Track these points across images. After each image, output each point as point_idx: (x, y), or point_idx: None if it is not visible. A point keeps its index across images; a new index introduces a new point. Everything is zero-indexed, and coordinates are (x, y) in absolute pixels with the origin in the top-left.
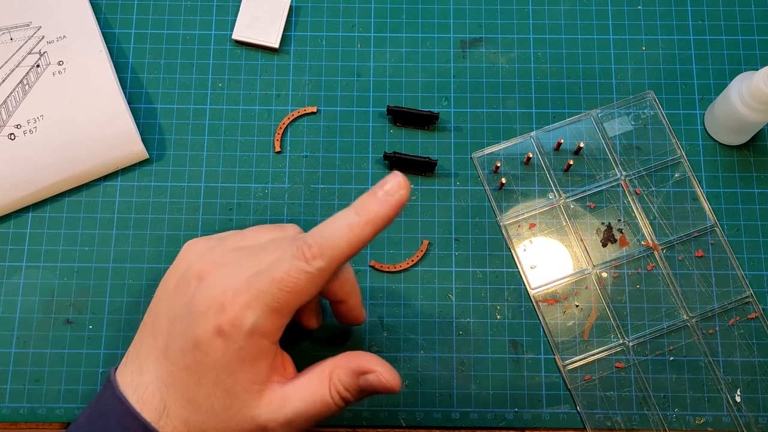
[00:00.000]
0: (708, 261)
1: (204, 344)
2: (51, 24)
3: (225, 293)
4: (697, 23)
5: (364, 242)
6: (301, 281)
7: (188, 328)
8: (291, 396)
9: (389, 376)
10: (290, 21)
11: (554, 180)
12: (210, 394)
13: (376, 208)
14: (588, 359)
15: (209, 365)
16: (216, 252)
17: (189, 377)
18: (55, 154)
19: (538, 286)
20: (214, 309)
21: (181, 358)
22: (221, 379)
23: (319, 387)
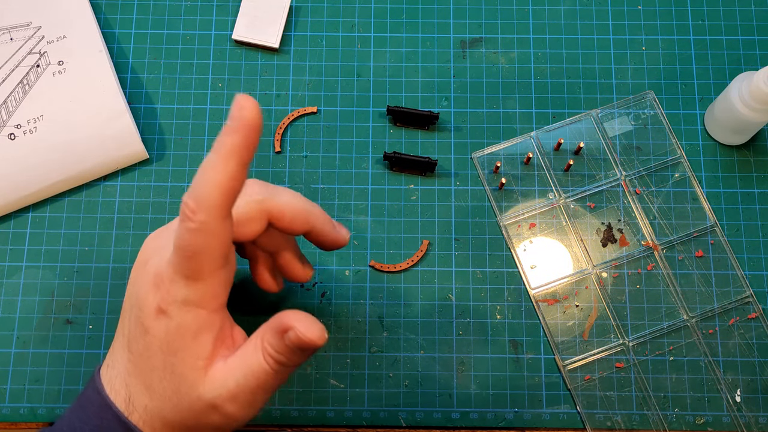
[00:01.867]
0: (708, 261)
1: (150, 327)
2: (51, 24)
3: (156, 275)
4: (697, 23)
5: (235, 179)
6: (194, 240)
7: (137, 315)
8: (232, 368)
9: (306, 330)
10: (290, 21)
11: (554, 180)
12: (161, 378)
13: (226, 139)
14: (588, 359)
15: (157, 347)
16: (157, 236)
17: (144, 364)
18: (55, 154)
19: (538, 286)
20: (151, 292)
21: (136, 346)
22: (168, 360)
23: (254, 354)
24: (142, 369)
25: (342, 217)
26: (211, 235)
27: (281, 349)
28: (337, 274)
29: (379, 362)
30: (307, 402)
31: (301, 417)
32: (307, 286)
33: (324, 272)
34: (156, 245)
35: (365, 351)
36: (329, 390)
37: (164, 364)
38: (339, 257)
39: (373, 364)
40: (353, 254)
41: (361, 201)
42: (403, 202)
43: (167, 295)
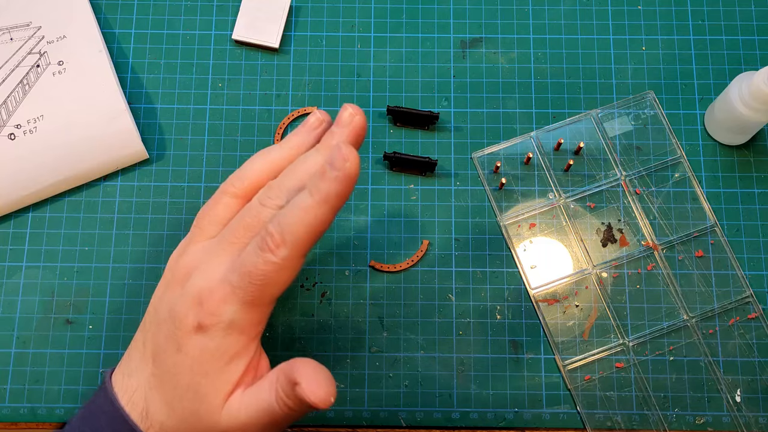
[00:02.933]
0: (708, 261)
1: (184, 344)
2: (51, 24)
3: (201, 293)
4: (697, 23)
5: (324, 223)
6: (270, 272)
7: (170, 331)
8: (247, 401)
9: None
10: (290, 21)
11: (554, 180)
12: (182, 398)
13: (325, 186)
14: (588, 359)
15: (188, 366)
16: (188, 253)
17: (169, 380)
18: (55, 154)
19: (538, 286)
20: (192, 310)
21: (164, 361)
22: (195, 380)
23: (268, 394)
24: (166, 385)
25: (342, 217)
26: (287, 270)
27: (291, 399)
28: (337, 274)
29: (379, 362)
30: None
31: None
32: (306, 286)
33: (324, 272)
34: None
35: (365, 351)
36: None
37: (191, 383)
38: (339, 257)
39: (373, 364)
40: (353, 254)
41: (361, 201)
42: (403, 202)
43: (213, 314)
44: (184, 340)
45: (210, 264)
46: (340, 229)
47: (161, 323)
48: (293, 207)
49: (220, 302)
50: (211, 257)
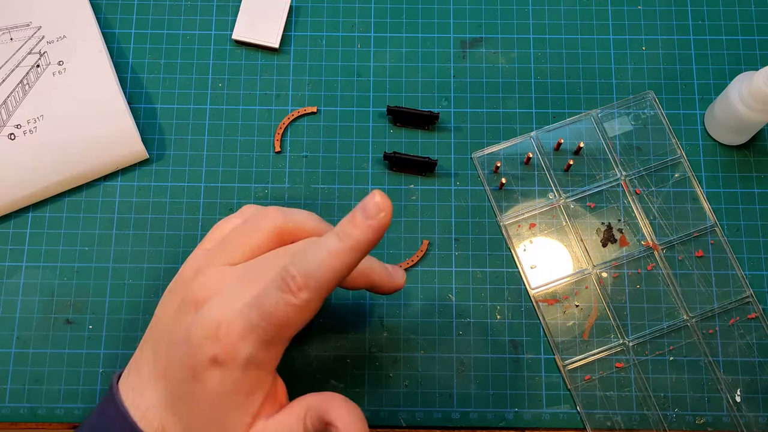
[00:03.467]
0: (708, 261)
1: (201, 375)
2: (51, 24)
3: (219, 325)
4: (697, 23)
5: (350, 268)
6: (290, 313)
7: (185, 357)
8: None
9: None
10: (290, 21)
11: (554, 180)
12: (203, 426)
13: (357, 233)
14: (588, 359)
15: (206, 396)
16: (207, 275)
17: (185, 406)
18: (55, 154)
19: (538, 286)
20: (209, 340)
21: (179, 386)
22: (217, 410)
23: (293, 426)
24: (182, 411)
25: (342, 217)
26: (307, 312)
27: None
28: None
29: (379, 362)
30: None
31: None
32: None
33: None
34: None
35: (365, 351)
36: (329, 390)
37: (210, 414)
38: None
39: (373, 364)
40: None
41: None
42: (403, 202)
43: (231, 350)
44: (200, 370)
45: (231, 294)
46: None
47: (175, 345)
48: (318, 249)
49: (238, 339)
50: (232, 286)
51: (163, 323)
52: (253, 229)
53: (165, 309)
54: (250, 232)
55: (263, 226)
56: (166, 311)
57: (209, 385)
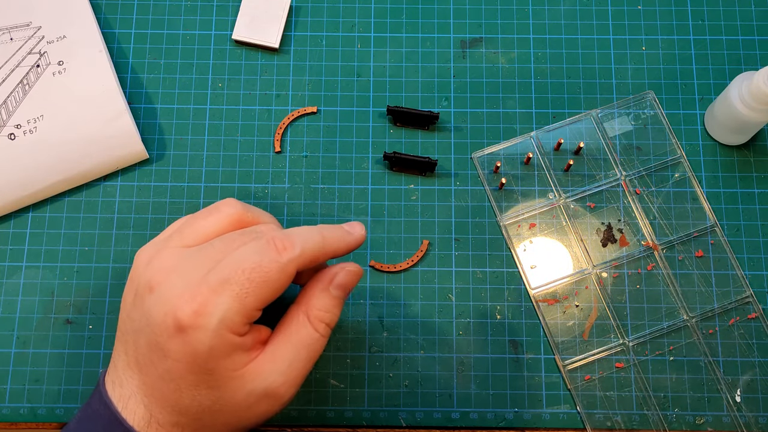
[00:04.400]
0: (708, 261)
1: (172, 352)
2: (51, 24)
3: (180, 297)
4: (697, 23)
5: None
6: (272, 272)
7: (151, 340)
8: (280, 353)
9: (350, 265)
10: (290, 21)
11: (554, 180)
12: (194, 396)
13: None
14: (588, 359)
15: (183, 370)
16: (162, 257)
17: (166, 385)
18: (55, 154)
19: (538, 286)
20: (171, 316)
21: (153, 369)
22: (201, 378)
23: (302, 329)
24: (165, 391)
25: (342, 217)
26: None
27: (328, 306)
28: None
29: (379, 362)
30: (307, 402)
31: (301, 417)
32: None
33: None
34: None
35: (365, 351)
36: (329, 390)
37: (195, 382)
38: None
39: (373, 364)
40: (353, 254)
41: (361, 201)
42: (403, 202)
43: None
44: (169, 344)
45: (188, 267)
46: None
47: (138, 332)
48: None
49: (207, 302)
50: (188, 262)
51: (126, 314)
52: (212, 213)
53: (125, 301)
54: (208, 215)
55: (222, 210)
56: (126, 302)
57: (184, 359)
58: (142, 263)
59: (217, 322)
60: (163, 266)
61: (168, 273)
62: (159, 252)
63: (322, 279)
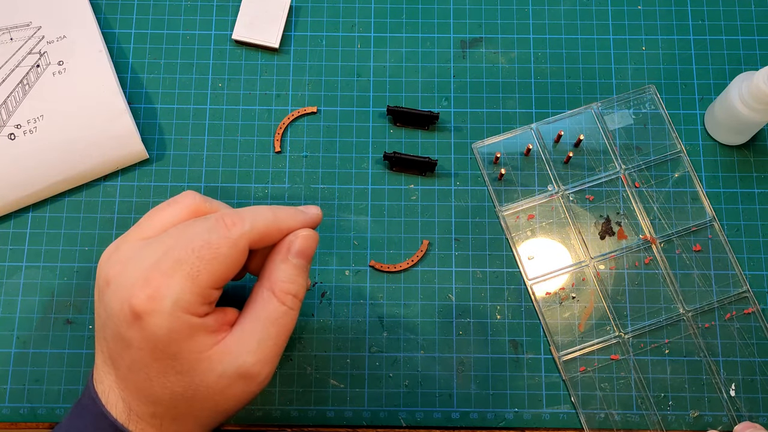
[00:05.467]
0: (705, 256)
1: (133, 340)
2: (51, 24)
3: (134, 285)
4: (697, 23)
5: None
6: (222, 247)
7: (114, 332)
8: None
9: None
10: (290, 21)
11: (554, 172)
12: (164, 383)
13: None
14: (583, 350)
15: (148, 358)
16: (120, 251)
17: (136, 375)
18: (55, 154)
19: (535, 277)
20: (126, 304)
21: (122, 361)
22: (167, 364)
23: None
24: (137, 382)
25: (342, 217)
26: (236, 251)
27: (291, 276)
28: (337, 274)
29: (379, 362)
30: (307, 402)
31: (301, 417)
32: None
33: (324, 272)
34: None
35: (365, 351)
36: (329, 390)
37: (163, 369)
38: (339, 257)
39: (373, 364)
40: (353, 254)
41: (361, 201)
42: (403, 202)
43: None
44: (129, 333)
45: (142, 257)
46: (340, 229)
47: (104, 327)
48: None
49: (159, 285)
50: (143, 252)
51: (96, 312)
52: (170, 204)
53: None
54: (166, 207)
55: (180, 201)
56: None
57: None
58: (103, 260)
59: (172, 304)
60: (120, 259)
61: (124, 264)
62: (118, 247)
63: (280, 250)
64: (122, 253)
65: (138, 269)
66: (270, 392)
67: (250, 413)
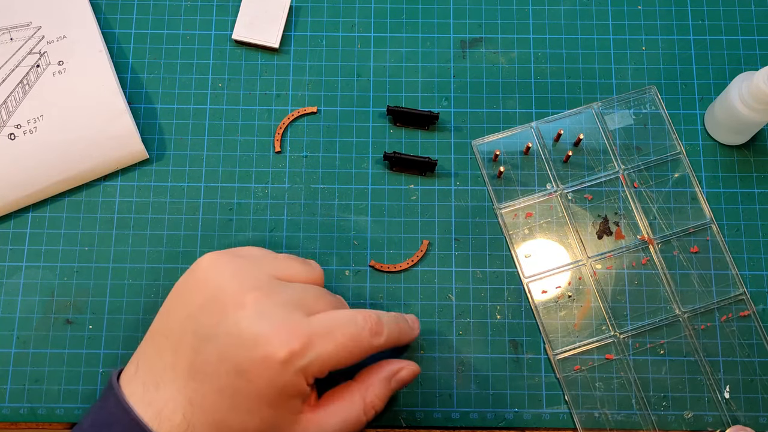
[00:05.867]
0: (703, 257)
1: (250, 373)
2: (51, 24)
3: (279, 329)
4: (697, 23)
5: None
6: (361, 349)
7: (229, 352)
8: (326, 421)
9: (412, 365)
10: (290, 21)
11: (553, 170)
12: (245, 420)
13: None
14: (578, 349)
15: (250, 393)
16: (251, 277)
17: (222, 401)
18: (55, 154)
19: (532, 275)
20: (263, 343)
21: (215, 380)
22: (260, 407)
23: (355, 407)
24: (218, 405)
25: (342, 217)
26: (364, 355)
27: (384, 395)
28: (337, 274)
29: None
30: None
31: None
32: None
33: (324, 272)
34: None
35: None
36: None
37: (253, 408)
38: (339, 257)
39: None
40: (353, 254)
41: (361, 201)
42: (403, 202)
43: (290, 356)
44: (250, 368)
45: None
46: (340, 229)
47: (208, 338)
48: (392, 314)
49: (305, 345)
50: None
51: (186, 315)
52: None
53: (187, 302)
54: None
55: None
56: (188, 304)
57: (257, 384)
58: (224, 273)
59: (305, 365)
60: (257, 288)
61: (263, 297)
62: (246, 270)
63: (387, 369)
64: (255, 282)
65: (282, 312)
66: None
67: None
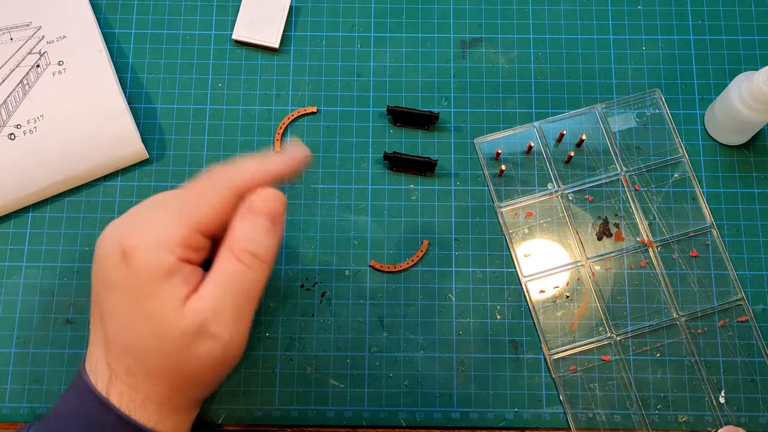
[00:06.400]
0: (702, 261)
1: (116, 280)
2: (51, 24)
3: (126, 226)
4: (697, 23)
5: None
6: (206, 191)
7: (101, 280)
8: (208, 290)
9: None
10: (290, 21)
11: (554, 171)
12: (136, 327)
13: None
14: (575, 350)
15: (128, 297)
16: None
17: (117, 324)
18: (55, 154)
19: (530, 274)
20: (118, 245)
21: (108, 313)
22: (140, 305)
23: (227, 263)
24: (117, 332)
25: (342, 217)
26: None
27: (251, 234)
28: (337, 274)
29: (379, 362)
30: (307, 402)
31: (301, 417)
32: (306, 286)
33: (324, 272)
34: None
35: (365, 351)
36: (329, 390)
37: (138, 312)
38: (339, 257)
39: (373, 364)
40: (353, 254)
41: (361, 201)
42: (403, 202)
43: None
44: (114, 274)
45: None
46: (340, 229)
47: (95, 289)
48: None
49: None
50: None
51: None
52: None
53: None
54: None
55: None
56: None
57: (126, 281)
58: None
59: (155, 240)
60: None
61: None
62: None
63: (241, 209)
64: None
65: (128, 218)
66: (270, 392)
67: (250, 413)
